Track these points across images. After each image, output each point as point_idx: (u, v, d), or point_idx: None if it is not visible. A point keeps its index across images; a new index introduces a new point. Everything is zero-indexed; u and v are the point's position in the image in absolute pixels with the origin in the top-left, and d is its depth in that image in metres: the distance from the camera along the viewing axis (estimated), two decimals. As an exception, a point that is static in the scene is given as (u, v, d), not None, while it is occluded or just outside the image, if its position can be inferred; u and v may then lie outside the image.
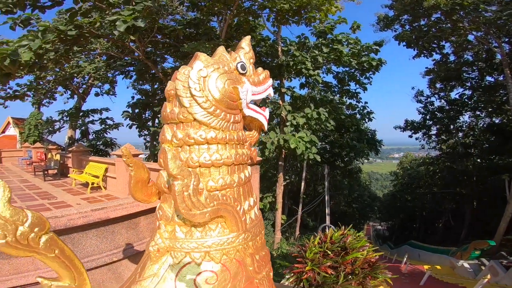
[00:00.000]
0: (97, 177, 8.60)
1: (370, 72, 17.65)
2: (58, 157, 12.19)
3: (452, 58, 20.50)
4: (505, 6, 13.80)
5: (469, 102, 21.35)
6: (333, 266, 2.82)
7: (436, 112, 23.25)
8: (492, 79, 19.75)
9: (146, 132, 19.02)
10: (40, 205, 6.24)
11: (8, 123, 29.64)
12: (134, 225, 2.61)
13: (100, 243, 2.31)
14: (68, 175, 10.47)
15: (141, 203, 1.41)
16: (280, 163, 14.96)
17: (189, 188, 1.11)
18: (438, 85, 22.41)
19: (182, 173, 1.13)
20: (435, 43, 18.84)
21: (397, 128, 24.60)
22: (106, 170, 8.64)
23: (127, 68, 18.42)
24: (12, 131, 28.30)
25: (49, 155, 13.43)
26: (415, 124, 23.71)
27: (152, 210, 2.81)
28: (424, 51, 19.07)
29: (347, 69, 17.93)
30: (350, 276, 2.81)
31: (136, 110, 17.85)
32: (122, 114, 17.56)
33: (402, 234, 32.31)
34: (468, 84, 21.19)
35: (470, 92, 21.32)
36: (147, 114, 19.08)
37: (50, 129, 18.69)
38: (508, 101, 15.68)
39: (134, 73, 18.22)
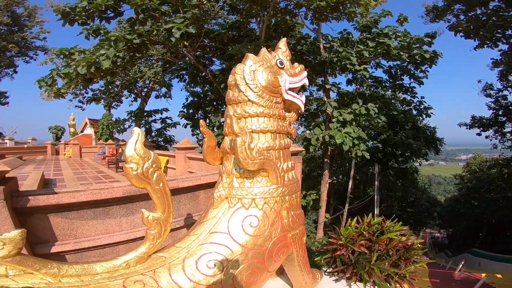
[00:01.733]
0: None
1: (426, 65, 16.32)
2: (127, 151, 14.10)
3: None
4: None
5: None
6: (367, 246, 2.98)
7: (510, 107, 20.28)
8: None
9: (198, 131, 20.55)
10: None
11: (86, 123, 34.71)
12: (195, 197, 3.15)
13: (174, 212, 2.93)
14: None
15: (210, 164, 1.92)
16: (325, 160, 14.81)
17: (245, 143, 1.55)
18: (511, 78, 19.54)
19: (242, 132, 1.61)
20: (499, 32, 16.55)
21: (462, 125, 22.08)
22: (167, 162, 9.80)
23: (180, 72, 20.22)
24: (89, 130, 33.11)
25: (120, 150, 15.54)
26: (484, 120, 21.01)
27: (209, 185, 3.34)
28: (487, 42, 16.90)
29: (399, 63, 16.85)
30: (384, 257, 2.94)
31: (190, 111, 19.47)
32: (178, 114, 19.35)
33: (465, 243, 29.05)
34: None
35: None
36: (199, 114, 20.61)
37: (119, 128, 21.52)
38: None
39: (187, 76, 19.89)
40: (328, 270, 3.18)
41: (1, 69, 30.98)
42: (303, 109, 2.08)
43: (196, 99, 20.54)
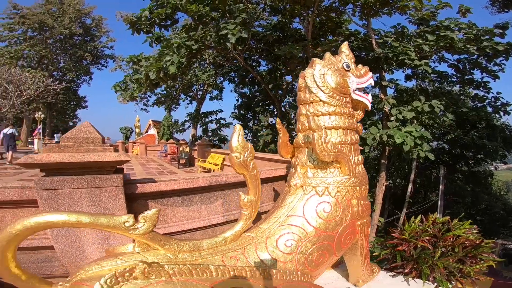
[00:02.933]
0: (216, 165, 10.59)
1: (501, 58, 14.25)
2: (188, 149, 15.43)
3: None
4: None
5: None
6: (432, 242, 2.92)
7: None
8: None
9: (246, 131, 21.29)
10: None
11: (150, 124, 38.56)
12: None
13: (238, 200, 3.29)
14: (197, 164, 13.19)
15: (283, 157, 2.19)
16: (382, 161, 14.00)
17: (322, 138, 1.77)
18: None
19: (318, 128, 1.85)
20: None
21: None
22: (224, 159, 10.52)
23: (230, 74, 21.23)
24: (152, 131, 36.68)
25: (180, 149, 17.04)
26: None
27: (269, 180, 3.62)
28: None
29: (466, 56, 15.04)
30: (448, 254, 2.84)
31: (241, 112, 20.32)
32: (230, 115, 20.38)
33: None
34: None
35: None
36: (249, 115, 21.34)
37: (179, 129, 23.51)
38: None
39: (236, 78, 20.79)
40: (386, 267, 3.19)
41: (80, 76, 36.41)
42: (369, 107, 2.21)
43: (245, 100, 21.35)
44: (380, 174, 14.29)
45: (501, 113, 16.02)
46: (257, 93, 21.12)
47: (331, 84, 1.97)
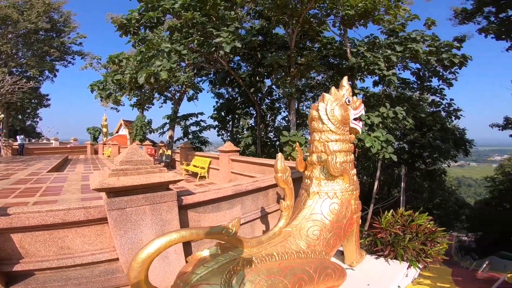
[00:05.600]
0: (203, 168, 10.96)
1: (455, 67, 16.37)
2: (169, 152, 15.51)
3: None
4: None
5: None
6: (402, 230, 3.87)
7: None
8: None
9: (223, 132, 21.71)
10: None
11: (121, 124, 37.09)
12: (266, 194, 4.13)
13: (251, 204, 3.90)
14: (180, 167, 13.40)
15: (300, 171, 2.88)
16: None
17: (333, 159, 2.50)
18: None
19: (331, 153, 2.57)
20: None
21: (493, 126, 21.61)
22: (210, 162, 10.93)
23: (210, 76, 21.48)
24: (124, 131, 35.31)
25: (160, 151, 17.02)
26: (518, 121, 20.47)
27: (274, 185, 4.29)
28: None
29: (426, 65, 17.03)
30: (414, 239, 3.81)
31: (222, 113, 20.67)
32: (210, 116, 20.66)
33: (494, 247, 28.21)
34: None
35: None
36: (229, 117, 21.77)
37: (151, 129, 23.16)
38: None
39: (216, 80, 21.09)
40: (370, 251, 4.06)
41: (44, 72, 34.02)
42: (360, 133, 2.99)
43: (224, 101, 21.77)
44: (351, 173, 15.68)
45: (453, 118, 18.32)
46: (237, 95, 21.63)
47: (338, 118, 2.71)
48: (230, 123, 21.83)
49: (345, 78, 3.13)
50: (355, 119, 2.94)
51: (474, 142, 19.09)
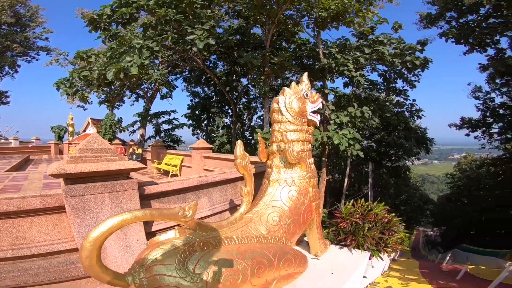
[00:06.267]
0: (175, 166, 10.83)
1: (418, 69, 17.51)
2: (140, 150, 15.08)
3: (511, 52, 19.02)
4: None
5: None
6: (361, 219, 4.13)
7: (497, 109, 21.64)
8: None
9: (198, 131, 21.51)
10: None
11: (88, 123, 35.33)
12: (235, 186, 4.21)
13: (219, 195, 3.96)
14: (152, 165, 13.08)
15: (261, 160, 3.00)
16: (323, 159, 15.95)
17: (290, 148, 2.65)
18: (498, 81, 20.86)
19: (288, 141, 2.71)
20: (489, 38, 17.84)
21: (452, 126, 23.44)
22: (182, 160, 10.82)
23: (185, 74, 21.17)
24: (91, 130, 33.72)
25: (130, 150, 16.49)
26: (472, 121, 22.37)
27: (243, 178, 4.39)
28: (476, 47, 18.22)
29: (392, 67, 18.06)
30: (373, 228, 4.08)
31: (197, 112, 20.44)
32: (183, 115, 20.34)
33: (456, 240, 30.42)
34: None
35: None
36: (203, 116, 21.57)
37: (124, 128, 22.38)
38: None
39: (191, 78, 20.83)
40: (334, 241, 4.29)
41: (3, 68, 31.50)
42: (318, 124, 3.18)
43: (199, 100, 21.55)
44: (322, 170, 16.24)
45: (415, 117, 19.60)
46: (213, 94, 21.50)
47: (295, 109, 2.88)
48: (205, 122, 21.65)
49: (305, 74, 3.31)
50: (313, 112, 3.12)
51: (435, 141, 20.57)
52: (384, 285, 5.29)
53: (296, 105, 2.90)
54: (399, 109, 19.70)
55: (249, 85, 19.63)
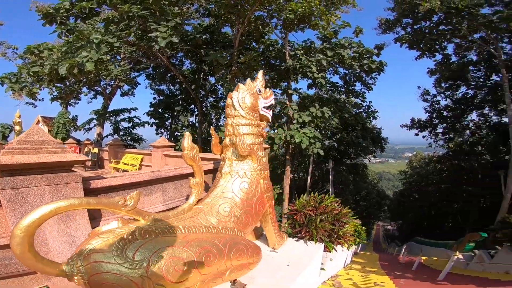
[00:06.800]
0: (134, 165, 10.37)
1: (375, 73, 18.81)
2: (96, 150, 14.18)
3: (455, 58, 21.29)
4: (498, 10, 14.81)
5: (474, 101, 22.08)
6: (313, 211, 4.35)
7: (442, 111, 24.02)
8: (498, 79, 20.39)
9: (162, 130, 20.84)
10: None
11: (38, 121, 32.27)
12: (188, 181, 4.22)
13: (175, 191, 3.90)
14: (108, 165, 12.36)
15: (215, 154, 3.04)
16: (287, 157, 16.42)
17: (241, 140, 2.71)
18: (443, 85, 23.15)
19: (239, 134, 2.77)
20: (438, 44, 19.70)
21: (403, 126, 25.52)
22: (142, 159, 10.40)
23: (149, 71, 20.36)
24: (42, 128, 30.83)
25: (86, 149, 15.43)
26: (421, 122, 24.56)
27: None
28: (426, 52, 20.01)
29: (351, 70, 19.15)
30: (325, 220, 4.32)
31: (160, 110, 19.74)
32: (147, 112, 19.54)
33: (412, 233, 32.85)
34: (473, 83, 21.93)
35: (473, 92, 22.05)
36: (167, 114, 20.92)
37: (76, 127, 20.86)
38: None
39: (155, 75, 20.10)
40: (290, 234, 4.45)
41: None
42: (270, 120, 3.31)
43: (163, 98, 20.87)
44: (286, 168, 16.72)
45: (371, 118, 21.03)
46: (178, 92, 20.94)
47: (248, 104, 2.96)
48: (170, 120, 21.03)
49: (260, 72, 3.42)
50: (266, 107, 3.24)
51: (389, 140, 22.25)
52: (345, 277, 5.62)
53: (248, 100, 2.99)
54: (357, 110, 21.01)
55: (217, 84, 19.49)
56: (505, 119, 20.50)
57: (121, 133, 19.11)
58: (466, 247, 12.06)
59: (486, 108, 21.94)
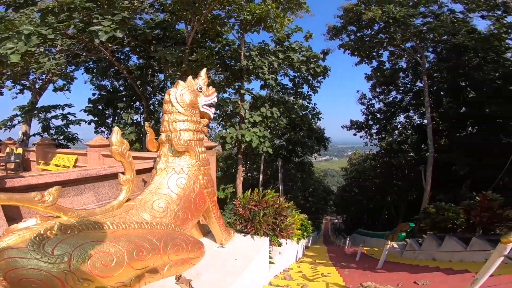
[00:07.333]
0: (67, 167, 9.35)
1: (321, 77, 20.17)
2: (20, 150, 12.39)
3: (388, 65, 24.01)
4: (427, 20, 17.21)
5: (402, 105, 25.21)
6: (257, 206, 4.53)
7: (376, 113, 26.84)
8: (422, 85, 23.56)
9: (103, 129, 19.22)
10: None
11: None
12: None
13: (109, 190, 3.66)
14: (36, 167, 10.90)
15: (151, 151, 2.95)
16: (239, 156, 16.61)
17: (177, 136, 2.69)
18: (378, 89, 25.90)
19: (175, 130, 2.74)
20: (375, 52, 21.99)
21: (344, 127, 27.83)
22: (76, 160, 9.44)
23: (89, 64, 18.52)
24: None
25: (7, 149, 13.38)
26: (358, 123, 27.08)
27: (138, 172, 4.20)
28: (365, 59, 22.19)
29: (300, 73, 20.18)
30: (268, 214, 4.53)
31: (100, 107, 18.12)
32: (84, 109, 17.74)
33: (355, 226, 35.48)
34: (402, 88, 25.04)
35: (401, 96, 25.18)
36: (108, 111, 19.30)
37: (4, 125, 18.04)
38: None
39: (96, 69, 18.39)
40: (238, 230, 4.54)
41: None
42: (212, 117, 3.35)
43: (105, 93, 19.21)
44: (238, 167, 16.90)
45: (316, 119, 22.47)
46: (122, 88, 19.45)
47: (186, 101, 2.95)
48: (112, 118, 19.42)
49: (204, 70, 3.43)
50: (208, 105, 3.27)
51: (331, 139, 24.01)
52: (296, 270, 5.91)
53: (187, 97, 2.98)
54: (303, 112, 22.23)
55: (167, 81, 18.64)
56: (425, 121, 24.03)
57: (52, 131, 17.02)
58: (399, 237, 13.03)
59: (411, 111, 25.25)
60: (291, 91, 22.01)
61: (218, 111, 19.42)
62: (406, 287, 3.56)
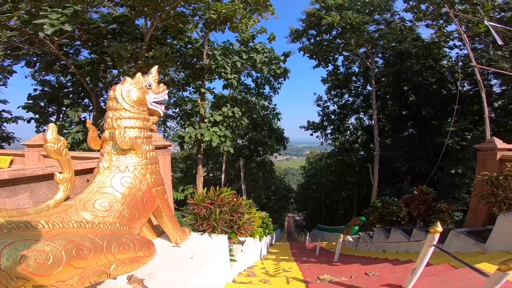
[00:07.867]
0: (1, 169, 8.34)
1: (282, 78, 20.75)
2: None
3: (342, 69, 25.61)
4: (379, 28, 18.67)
5: (353, 107, 27.11)
6: (212, 203, 4.56)
7: (330, 115, 28.46)
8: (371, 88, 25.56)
9: (45, 128, 17.46)
10: None
11: None
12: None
13: (48, 191, 3.39)
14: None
15: (93, 149, 2.83)
16: (199, 156, 16.35)
17: (121, 133, 2.61)
18: (333, 92, 27.47)
19: (119, 127, 2.65)
20: (331, 56, 23.28)
21: (302, 127, 29.01)
22: (12, 161, 8.49)
23: (31, 58, 16.65)
24: None
25: None
26: (315, 124, 28.44)
27: (82, 172, 3.98)
28: (322, 62, 23.39)
29: (262, 74, 20.53)
30: (224, 211, 4.59)
31: (42, 103, 16.40)
32: (23, 106, 15.89)
33: (315, 222, 35.39)
34: (354, 92, 26.92)
35: (352, 99, 27.07)
36: (51, 109, 17.56)
37: None
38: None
39: (39, 63, 16.60)
40: (194, 229, 4.48)
41: None
42: (162, 114, 3.32)
43: (48, 89, 17.43)
44: (197, 167, 16.62)
45: (276, 120, 23.10)
46: (69, 84, 17.79)
47: (133, 98, 2.88)
48: (56, 116, 17.67)
49: (155, 67, 3.37)
50: (157, 102, 3.22)
51: (291, 139, 24.90)
52: (260, 267, 6.01)
53: (134, 94, 2.91)
54: (265, 112, 22.69)
55: (120, 77, 17.49)
56: (373, 122, 26.17)
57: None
58: (353, 231, 13.64)
59: (361, 113, 27.30)
60: (254, 92, 22.30)
61: (177, 110, 18.90)
62: (358, 278, 3.86)
